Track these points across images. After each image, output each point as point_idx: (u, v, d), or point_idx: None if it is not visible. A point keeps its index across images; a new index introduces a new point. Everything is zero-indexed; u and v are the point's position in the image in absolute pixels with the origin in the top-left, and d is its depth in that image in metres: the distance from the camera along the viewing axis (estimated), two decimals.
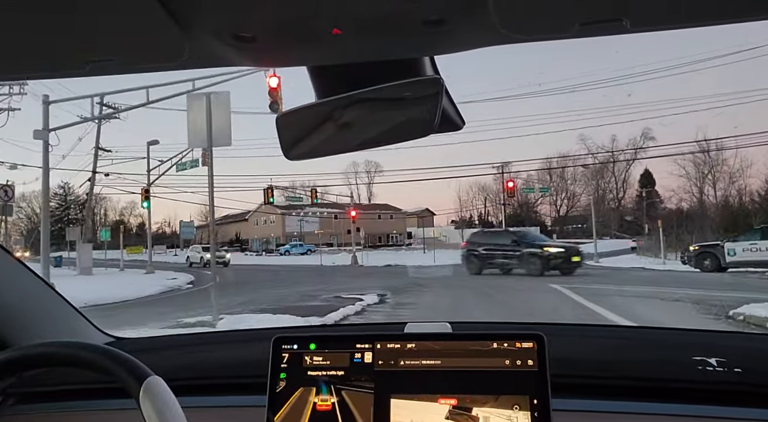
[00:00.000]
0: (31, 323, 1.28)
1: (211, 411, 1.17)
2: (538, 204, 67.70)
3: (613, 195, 62.60)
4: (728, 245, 19.04)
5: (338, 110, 0.82)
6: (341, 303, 11.46)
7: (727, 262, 18.64)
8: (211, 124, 10.00)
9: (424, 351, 0.96)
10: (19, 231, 51.09)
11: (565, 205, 66.35)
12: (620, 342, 1.31)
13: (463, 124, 0.96)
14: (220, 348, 1.44)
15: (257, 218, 62.41)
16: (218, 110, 10.14)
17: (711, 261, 19.08)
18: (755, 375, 1.09)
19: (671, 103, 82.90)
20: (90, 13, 0.55)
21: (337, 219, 50.13)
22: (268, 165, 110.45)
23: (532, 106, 76.43)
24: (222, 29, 0.59)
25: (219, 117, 10.14)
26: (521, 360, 0.93)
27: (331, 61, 0.75)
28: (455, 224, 62.44)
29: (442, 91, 0.78)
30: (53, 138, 16.73)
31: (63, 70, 0.67)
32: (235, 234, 65.72)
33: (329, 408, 0.94)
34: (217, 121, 10.09)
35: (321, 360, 0.98)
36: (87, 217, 34.43)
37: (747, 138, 63.87)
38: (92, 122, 25.77)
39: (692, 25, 0.58)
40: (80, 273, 23.56)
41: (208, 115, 10.02)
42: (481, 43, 0.65)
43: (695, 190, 50.70)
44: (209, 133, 10.01)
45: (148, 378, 0.75)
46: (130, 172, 67.93)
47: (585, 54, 60.55)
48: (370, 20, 0.60)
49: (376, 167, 70.41)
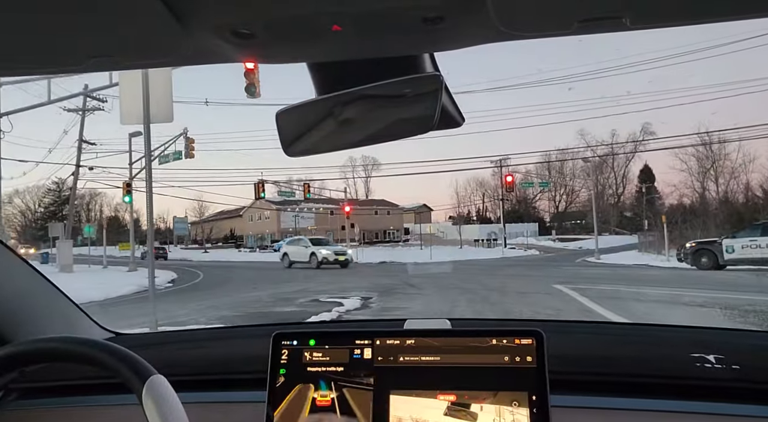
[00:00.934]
0: (31, 319, 1.28)
1: (212, 406, 1.17)
2: (536, 199, 67.99)
3: (612, 190, 62.89)
4: (726, 242, 18.40)
5: (338, 107, 0.82)
6: (317, 309, 10.53)
7: (725, 260, 18.11)
8: (148, 97, 8.71)
9: (423, 348, 0.96)
10: (13, 228, 50.98)
11: (564, 201, 66.59)
12: (618, 338, 1.31)
13: (463, 120, 0.97)
14: (220, 344, 1.44)
15: (252, 214, 62.39)
16: (157, 82, 8.86)
17: (708, 259, 18.52)
18: (753, 372, 1.10)
19: (672, 93, 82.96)
20: (90, 10, 0.54)
21: (333, 215, 50.09)
22: (264, 160, 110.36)
23: (531, 98, 76.41)
24: (221, 25, 0.59)
25: (158, 89, 8.86)
26: (520, 356, 0.93)
27: (331, 58, 0.75)
28: (453, 220, 62.65)
29: (442, 87, 0.78)
30: (5, 124, 15.35)
31: (63, 66, 0.67)
32: (230, 231, 65.70)
33: (329, 404, 0.94)
34: (156, 94, 8.81)
35: (321, 356, 0.99)
36: (69, 213, 32.93)
37: (750, 130, 64.01)
38: (76, 113, 25.51)
39: (693, 22, 0.58)
40: (61, 271, 22.53)
41: (145, 88, 8.71)
42: (481, 40, 0.65)
43: (697, 185, 50.93)
44: (146, 108, 8.73)
45: (151, 376, 0.75)
46: (115, 166, 67.39)
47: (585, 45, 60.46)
48: (370, 17, 0.59)
49: (373, 162, 70.62)
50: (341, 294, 12.92)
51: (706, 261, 18.62)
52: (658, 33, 2.35)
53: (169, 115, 9.08)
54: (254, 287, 16.56)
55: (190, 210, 67.64)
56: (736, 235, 18.91)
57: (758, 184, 45.25)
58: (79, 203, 55.69)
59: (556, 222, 65.21)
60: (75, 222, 35.60)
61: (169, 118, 9.11)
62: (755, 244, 17.81)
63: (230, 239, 64.18)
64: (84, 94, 24.30)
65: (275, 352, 1.00)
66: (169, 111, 9.06)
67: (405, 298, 12.58)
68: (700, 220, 32.45)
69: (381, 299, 12.28)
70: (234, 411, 1.16)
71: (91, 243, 35.59)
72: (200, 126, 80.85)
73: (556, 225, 63.74)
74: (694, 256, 19.10)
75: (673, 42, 66.22)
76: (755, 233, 18.22)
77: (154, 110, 8.83)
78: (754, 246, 17.79)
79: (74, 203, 34.09)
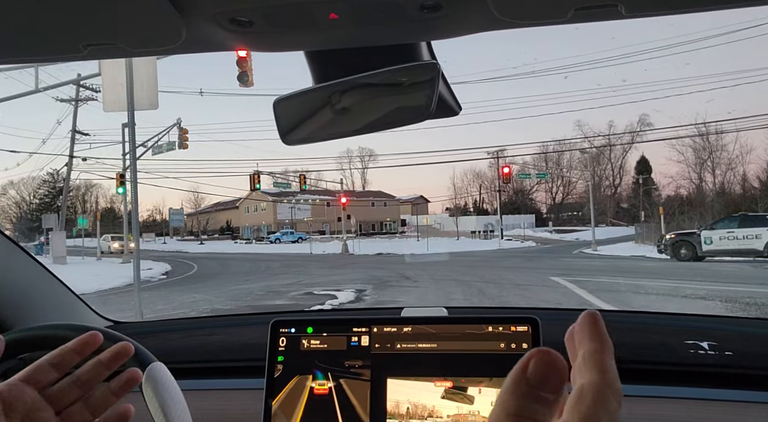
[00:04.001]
0: (31, 307, 1.28)
1: (211, 393, 1.18)
2: (533, 191, 68.03)
3: (609, 182, 62.97)
4: (705, 233, 18.65)
5: (335, 95, 0.82)
6: (309, 302, 10.52)
7: (703, 251, 18.32)
8: (131, 83, 8.43)
9: (420, 335, 0.97)
10: (9, 219, 50.81)
11: (561, 192, 66.64)
12: (613, 325, 1.32)
13: (460, 109, 0.97)
14: (219, 332, 1.45)
15: (248, 205, 62.24)
16: (140, 68, 8.59)
17: (687, 250, 18.74)
18: (746, 358, 1.12)
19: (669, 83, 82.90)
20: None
21: (330, 206, 50.02)
22: (260, 150, 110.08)
23: (527, 89, 76.26)
24: (219, 13, 0.59)
25: (141, 75, 8.58)
26: (516, 343, 0.94)
27: (328, 46, 0.75)
28: (450, 211, 62.72)
29: (439, 76, 0.78)
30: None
31: (61, 55, 0.67)
32: (226, 222, 65.57)
33: (326, 392, 0.95)
34: (140, 80, 8.55)
35: (318, 343, 0.99)
36: (63, 204, 32.84)
37: (747, 121, 64.02)
38: (69, 104, 25.25)
39: (689, 10, 0.59)
40: (54, 262, 22.43)
41: (129, 74, 8.45)
42: (478, 28, 0.66)
43: (694, 176, 51.04)
44: (130, 94, 8.46)
45: (151, 364, 0.76)
46: (110, 157, 66.88)
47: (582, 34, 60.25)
48: (367, 5, 0.60)
49: (370, 153, 70.49)
50: (335, 286, 12.87)
51: (686, 252, 18.84)
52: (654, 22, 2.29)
53: (155, 101, 8.89)
54: (247, 280, 16.45)
55: (186, 201, 67.67)
56: (714, 227, 19.09)
57: (755, 175, 45.50)
58: (74, 194, 55.58)
59: (553, 213, 65.33)
60: (70, 213, 35.32)
61: (154, 104, 8.91)
62: (732, 236, 18.04)
63: (226, 231, 64.06)
64: (75, 82, 24.04)
65: (273, 340, 1.00)
66: (154, 97, 8.86)
67: (400, 291, 12.50)
68: (697, 212, 32.55)
69: (376, 292, 12.25)
70: (233, 398, 1.17)
71: (86, 234, 35.46)
72: (195, 116, 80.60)
73: (553, 216, 63.88)
74: (674, 247, 19.28)
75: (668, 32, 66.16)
76: (732, 224, 18.46)
77: (139, 97, 8.57)
78: (732, 238, 18.03)
79: (68, 194, 33.79)
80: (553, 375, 0.32)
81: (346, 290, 12.18)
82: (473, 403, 0.90)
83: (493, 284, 13.19)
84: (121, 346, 0.66)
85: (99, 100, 25.49)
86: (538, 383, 0.32)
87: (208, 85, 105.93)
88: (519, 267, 18.34)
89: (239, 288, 13.97)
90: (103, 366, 0.65)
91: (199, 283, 16.04)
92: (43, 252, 28.14)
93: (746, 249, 17.62)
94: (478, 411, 0.89)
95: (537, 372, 0.32)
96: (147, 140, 25.03)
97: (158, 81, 9.42)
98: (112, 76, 8.76)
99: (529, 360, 0.33)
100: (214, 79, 71.97)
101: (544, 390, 0.32)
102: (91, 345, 0.64)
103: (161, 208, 63.92)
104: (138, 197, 9.65)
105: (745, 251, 17.64)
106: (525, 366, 0.33)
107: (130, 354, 0.66)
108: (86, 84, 24.61)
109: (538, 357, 0.33)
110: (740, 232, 17.90)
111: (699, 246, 18.49)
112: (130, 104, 8.67)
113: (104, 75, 9.05)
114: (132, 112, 8.94)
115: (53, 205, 52.94)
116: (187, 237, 60.88)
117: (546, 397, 0.32)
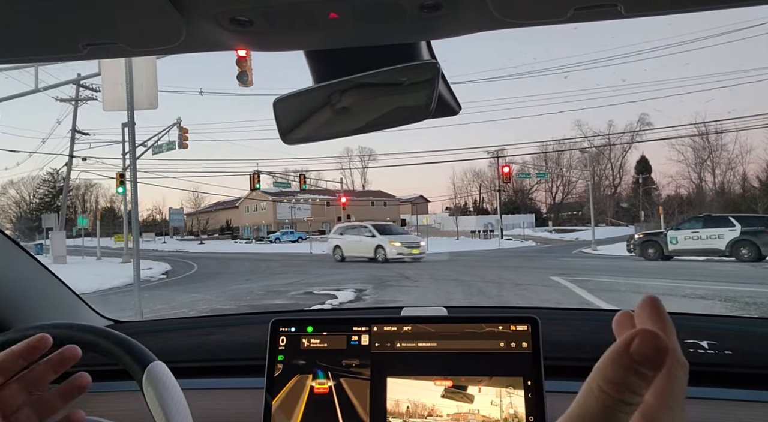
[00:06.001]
0: (31, 306, 1.28)
1: (211, 392, 1.18)
2: (533, 190, 68.05)
3: (609, 181, 62.99)
4: (671, 233, 19.00)
5: (335, 95, 0.82)
6: (309, 302, 10.46)
7: (669, 250, 18.69)
8: (131, 83, 8.37)
9: (420, 334, 0.97)
10: (9, 218, 50.82)
11: (561, 192, 66.65)
12: None
13: (460, 109, 0.97)
14: (219, 331, 1.46)
15: (247, 205, 62.30)
16: (140, 67, 8.54)
17: (655, 250, 19.10)
18: (745, 357, 1.12)
19: (669, 83, 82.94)
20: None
21: (329, 206, 50.01)
22: (260, 150, 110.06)
23: (527, 88, 76.15)
24: (219, 13, 0.59)
25: (141, 75, 8.53)
26: (515, 342, 0.94)
27: (328, 46, 0.75)
28: (449, 211, 62.72)
29: (439, 75, 0.78)
30: None
31: (60, 54, 0.67)
32: (226, 222, 65.61)
33: (326, 391, 0.95)
34: (139, 79, 8.51)
35: (318, 342, 0.99)
36: (63, 203, 32.78)
37: (747, 121, 64.03)
38: (69, 104, 25.25)
39: (689, 10, 0.59)
40: (54, 262, 22.34)
41: (128, 73, 8.38)
42: (478, 28, 0.66)
43: (694, 175, 51.07)
44: (129, 94, 8.40)
45: (151, 363, 0.76)
46: (110, 157, 66.86)
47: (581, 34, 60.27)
48: (367, 5, 0.60)
49: (369, 153, 70.50)
50: (335, 286, 12.81)
51: (653, 252, 19.20)
52: (653, 22, 2.29)
53: (154, 101, 8.84)
54: (247, 279, 16.36)
55: (186, 201, 67.70)
56: (679, 227, 19.43)
57: (755, 174, 45.52)
58: (75, 194, 55.62)
59: (553, 213, 65.37)
60: (70, 213, 35.32)
61: (154, 104, 8.86)
62: (696, 236, 18.35)
63: (226, 230, 64.09)
64: (75, 81, 24.06)
65: (273, 339, 1.00)
66: (154, 97, 8.81)
67: (400, 290, 12.42)
68: (697, 211, 32.54)
69: (375, 291, 12.18)
70: (233, 397, 1.17)
71: (86, 234, 35.44)
72: (195, 116, 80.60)
73: (552, 216, 63.92)
74: (642, 247, 19.64)
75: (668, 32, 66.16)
76: (697, 225, 18.80)
77: (138, 96, 8.52)
78: (696, 238, 18.35)
79: (68, 194, 33.77)
80: (657, 354, 0.33)
81: (345, 289, 12.14)
82: (473, 402, 0.90)
83: (493, 284, 13.17)
84: (66, 349, 0.64)
85: (99, 99, 25.47)
86: (641, 358, 0.33)
87: (208, 85, 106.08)
88: (519, 266, 18.31)
89: (239, 288, 13.91)
90: (51, 369, 0.63)
91: (199, 283, 16.00)
92: (42, 252, 28.15)
93: (710, 249, 17.97)
94: (478, 410, 0.89)
95: (641, 348, 0.33)
96: (147, 140, 25.18)
97: (158, 81, 9.49)
98: (112, 76, 8.73)
99: (634, 337, 0.34)
100: (214, 79, 72.02)
101: (644, 367, 0.33)
102: (40, 349, 0.62)
103: (161, 207, 64.01)
104: (138, 197, 9.67)
105: (709, 250, 17.99)
106: (629, 342, 0.34)
107: (77, 357, 0.64)
108: (86, 83, 24.68)
109: (644, 334, 0.34)
110: (704, 232, 18.25)
111: (665, 245, 18.90)
112: (130, 104, 8.64)
113: (104, 74, 9.04)
114: (132, 111, 8.92)
115: (53, 204, 52.94)
116: (187, 237, 60.92)
117: (645, 373, 0.33)
